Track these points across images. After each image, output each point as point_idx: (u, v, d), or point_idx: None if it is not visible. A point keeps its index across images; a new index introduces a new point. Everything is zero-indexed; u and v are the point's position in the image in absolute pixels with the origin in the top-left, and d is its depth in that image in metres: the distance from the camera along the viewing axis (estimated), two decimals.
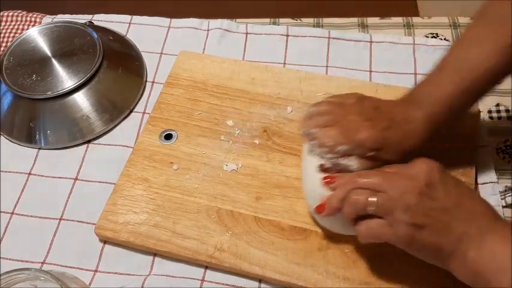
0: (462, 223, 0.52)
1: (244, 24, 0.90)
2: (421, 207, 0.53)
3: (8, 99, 0.80)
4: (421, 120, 0.61)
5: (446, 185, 0.54)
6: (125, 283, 0.65)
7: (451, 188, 0.54)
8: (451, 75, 0.62)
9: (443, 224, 0.53)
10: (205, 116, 0.78)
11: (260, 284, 0.65)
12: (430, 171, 0.54)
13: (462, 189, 0.55)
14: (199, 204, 0.69)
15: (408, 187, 0.54)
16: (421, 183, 0.54)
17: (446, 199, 0.53)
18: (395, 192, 0.54)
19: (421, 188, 0.53)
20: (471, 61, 0.61)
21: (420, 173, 0.54)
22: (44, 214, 0.72)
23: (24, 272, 0.56)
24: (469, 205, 0.53)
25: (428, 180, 0.54)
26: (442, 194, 0.53)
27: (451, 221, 0.53)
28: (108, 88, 0.81)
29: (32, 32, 0.85)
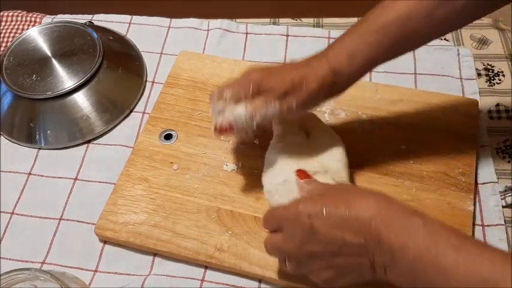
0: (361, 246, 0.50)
1: (244, 24, 0.90)
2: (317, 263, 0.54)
3: (8, 99, 0.80)
4: (322, 70, 0.62)
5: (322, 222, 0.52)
6: (125, 283, 0.65)
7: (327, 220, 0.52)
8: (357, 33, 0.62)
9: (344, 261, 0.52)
10: (205, 116, 0.78)
11: (260, 284, 0.65)
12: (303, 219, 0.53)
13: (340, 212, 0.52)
14: (199, 204, 0.69)
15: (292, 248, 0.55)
16: (300, 240, 0.54)
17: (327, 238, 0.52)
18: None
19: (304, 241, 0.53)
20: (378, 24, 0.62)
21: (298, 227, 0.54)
22: (44, 214, 0.72)
23: (24, 272, 0.56)
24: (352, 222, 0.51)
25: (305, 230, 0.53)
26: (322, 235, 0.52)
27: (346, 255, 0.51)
28: (108, 88, 0.81)
29: (32, 32, 0.85)
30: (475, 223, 0.67)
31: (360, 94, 0.78)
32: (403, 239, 0.48)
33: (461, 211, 0.67)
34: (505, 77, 0.82)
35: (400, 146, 0.73)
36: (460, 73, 0.82)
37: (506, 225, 0.68)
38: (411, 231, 0.48)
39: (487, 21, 0.89)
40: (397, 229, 0.48)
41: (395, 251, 0.48)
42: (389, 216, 0.49)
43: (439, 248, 0.46)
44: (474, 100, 0.77)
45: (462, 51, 0.84)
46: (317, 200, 0.54)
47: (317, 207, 0.52)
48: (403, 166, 0.71)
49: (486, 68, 0.84)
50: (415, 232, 0.48)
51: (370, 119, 0.76)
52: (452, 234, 0.47)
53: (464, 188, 0.69)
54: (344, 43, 0.63)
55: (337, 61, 0.62)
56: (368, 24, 0.62)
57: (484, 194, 0.70)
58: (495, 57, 0.85)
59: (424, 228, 0.48)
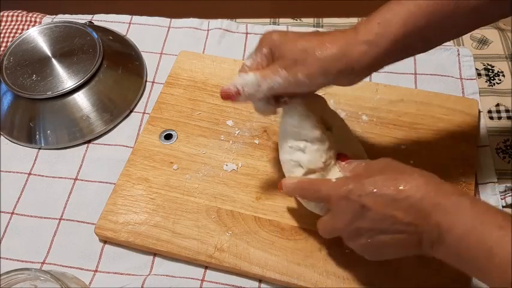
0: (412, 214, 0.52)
1: (244, 24, 0.90)
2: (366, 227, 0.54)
3: (8, 99, 0.80)
4: (345, 30, 0.56)
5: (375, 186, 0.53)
6: (125, 283, 0.65)
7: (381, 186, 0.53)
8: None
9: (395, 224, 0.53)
10: (205, 116, 0.78)
11: (260, 284, 0.65)
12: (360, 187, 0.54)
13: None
14: (199, 204, 0.69)
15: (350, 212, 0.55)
16: (357, 206, 0.54)
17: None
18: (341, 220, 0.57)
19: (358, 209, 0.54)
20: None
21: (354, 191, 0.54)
22: (44, 214, 0.72)
23: (24, 272, 0.56)
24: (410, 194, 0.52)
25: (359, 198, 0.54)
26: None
27: (399, 215, 0.52)
28: (108, 88, 0.81)
29: (32, 32, 0.85)
30: None
31: (360, 94, 0.78)
32: (451, 217, 0.49)
33: None
34: (505, 77, 0.82)
35: (400, 146, 0.73)
36: (460, 73, 0.82)
37: None
38: (459, 211, 0.49)
39: None
40: (445, 208, 0.50)
41: (442, 229, 0.49)
42: (438, 196, 0.51)
43: (485, 227, 0.47)
44: (474, 100, 0.77)
45: (462, 51, 0.84)
46: (366, 179, 0.54)
47: (367, 186, 0.53)
48: None
49: (486, 68, 0.84)
50: (463, 211, 0.49)
51: (370, 119, 0.76)
52: (499, 214, 0.48)
53: (464, 188, 0.69)
54: (376, 14, 0.56)
55: (365, 30, 0.55)
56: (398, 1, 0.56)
57: (484, 194, 0.70)
58: (495, 57, 0.85)
59: (471, 208, 0.49)
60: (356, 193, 0.54)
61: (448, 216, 0.49)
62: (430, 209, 0.50)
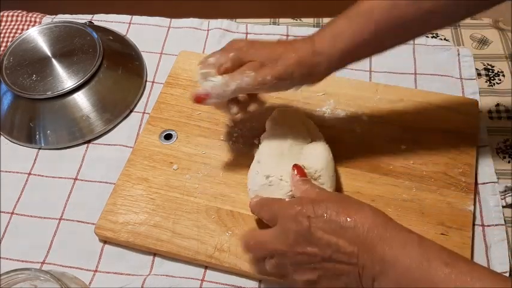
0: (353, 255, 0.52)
1: (244, 24, 0.90)
2: (304, 263, 0.54)
3: (8, 99, 0.80)
4: (304, 39, 0.62)
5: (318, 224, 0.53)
6: (125, 283, 0.65)
7: (323, 224, 0.53)
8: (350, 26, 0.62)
9: (333, 267, 0.53)
10: (205, 116, 0.78)
11: (260, 284, 0.65)
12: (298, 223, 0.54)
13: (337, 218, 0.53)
14: (199, 204, 0.69)
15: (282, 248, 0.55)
16: (291, 240, 0.54)
17: (321, 242, 0.53)
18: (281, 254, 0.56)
19: (295, 245, 0.54)
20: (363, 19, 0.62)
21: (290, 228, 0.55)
22: (44, 214, 0.72)
23: (24, 272, 0.56)
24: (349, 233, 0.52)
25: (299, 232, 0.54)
26: (316, 239, 0.53)
27: (338, 260, 0.52)
28: (108, 88, 0.81)
29: (32, 32, 0.85)
30: (475, 223, 0.67)
31: (360, 94, 0.78)
32: (397, 251, 0.49)
33: (461, 211, 0.67)
34: (505, 77, 0.82)
35: (400, 146, 0.73)
36: (460, 73, 0.82)
37: (506, 225, 0.68)
38: (406, 245, 0.50)
39: (487, 21, 0.89)
40: (391, 242, 0.50)
41: (387, 262, 0.49)
42: (386, 230, 0.51)
43: (432, 263, 0.48)
44: (474, 100, 0.77)
45: (462, 51, 0.84)
46: (319, 203, 0.54)
47: (319, 210, 0.53)
48: (403, 166, 0.71)
49: (486, 68, 0.84)
50: (410, 246, 0.49)
51: (370, 119, 0.76)
52: (445, 252, 0.49)
53: (464, 188, 0.69)
54: (330, 26, 0.63)
55: (320, 42, 0.62)
56: (355, 8, 0.62)
57: (484, 194, 0.70)
58: (495, 57, 0.85)
59: (418, 244, 0.50)
60: (305, 214, 0.54)
61: (394, 250, 0.49)
62: (375, 242, 0.50)
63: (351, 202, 0.55)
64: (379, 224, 0.51)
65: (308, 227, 0.53)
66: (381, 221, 0.52)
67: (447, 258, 0.48)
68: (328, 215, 0.53)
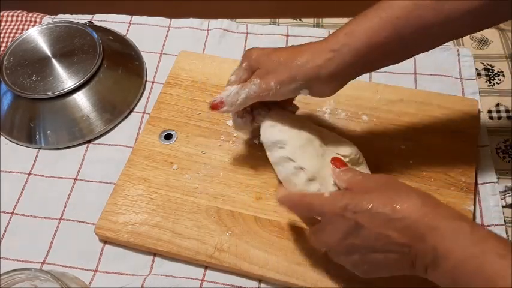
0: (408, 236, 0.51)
1: (244, 24, 0.90)
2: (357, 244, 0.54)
3: (8, 99, 0.80)
4: (319, 47, 0.59)
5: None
6: (125, 283, 0.65)
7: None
8: (363, 32, 0.59)
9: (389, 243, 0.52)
10: (205, 116, 0.78)
11: (260, 284, 0.65)
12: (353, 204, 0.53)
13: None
14: (199, 204, 0.69)
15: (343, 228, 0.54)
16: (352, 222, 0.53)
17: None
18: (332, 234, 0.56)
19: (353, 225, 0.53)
20: (381, 21, 0.58)
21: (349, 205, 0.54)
22: (44, 214, 0.72)
23: (24, 272, 0.56)
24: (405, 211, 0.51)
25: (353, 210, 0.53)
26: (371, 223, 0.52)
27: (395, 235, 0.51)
28: (108, 88, 0.81)
29: (32, 32, 0.85)
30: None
31: (360, 94, 0.78)
32: (449, 243, 0.48)
33: (461, 211, 0.67)
34: (505, 77, 0.82)
35: (400, 146, 0.73)
36: (460, 73, 0.82)
37: (506, 225, 0.68)
38: (458, 236, 0.48)
39: None
40: (443, 233, 0.48)
41: (439, 254, 0.48)
42: (436, 219, 0.49)
43: (486, 256, 0.46)
44: (474, 100, 0.77)
45: (462, 51, 0.84)
46: (363, 196, 0.53)
47: (363, 204, 0.52)
48: (403, 166, 0.71)
49: (486, 68, 0.84)
50: (462, 237, 0.48)
51: (370, 119, 0.76)
52: (500, 242, 0.47)
53: (464, 188, 0.69)
54: (346, 25, 0.60)
55: (333, 39, 0.59)
56: (373, 7, 0.59)
57: (484, 194, 0.70)
58: (495, 57, 0.85)
59: (471, 234, 0.48)
60: (351, 210, 0.53)
61: (445, 242, 0.48)
62: (426, 232, 0.49)
63: (396, 189, 0.53)
64: (429, 213, 0.50)
65: (356, 222, 0.52)
66: (430, 209, 0.50)
67: (502, 250, 0.46)
68: (375, 208, 0.51)
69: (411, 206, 0.50)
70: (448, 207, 0.51)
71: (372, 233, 0.52)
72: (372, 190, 0.54)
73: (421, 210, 0.50)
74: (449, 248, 0.48)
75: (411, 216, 0.50)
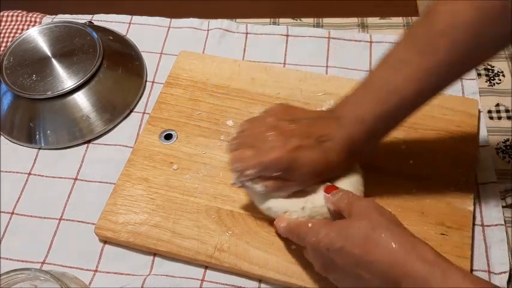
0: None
1: (244, 24, 0.90)
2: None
3: (8, 99, 0.80)
4: (340, 138, 0.60)
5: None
6: (125, 283, 0.65)
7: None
8: (375, 96, 0.59)
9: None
10: (205, 116, 0.78)
11: (260, 284, 0.65)
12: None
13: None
14: (199, 204, 0.69)
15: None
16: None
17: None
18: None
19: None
20: (394, 83, 0.58)
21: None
22: (44, 214, 0.72)
23: (24, 272, 0.56)
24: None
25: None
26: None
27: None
28: (108, 88, 0.81)
29: (32, 32, 0.85)
30: (475, 223, 0.67)
31: None
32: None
33: (461, 211, 0.67)
34: (505, 77, 0.82)
35: (400, 146, 0.73)
36: None
37: (506, 225, 0.68)
38: (429, 282, 0.47)
39: None
40: (415, 281, 0.48)
41: None
42: (408, 265, 0.48)
43: None
44: (474, 100, 0.77)
45: None
46: (337, 232, 0.53)
47: (336, 243, 0.52)
48: (403, 166, 0.71)
49: (486, 68, 0.84)
50: (434, 283, 0.47)
51: None
52: (476, 284, 0.47)
53: (464, 188, 0.69)
54: (364, 116, 0.60)
55: (357, 141, 0.60)
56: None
57: (484, 194, 0.70)
58: (495, 57, 0.85)
59: (441, 279, 0.47)
60: (325, 246, 0.53)
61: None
62: (400, 279, 0.48)
63: (374, 225, 0.52)
64: (401, 257, 0.49)
65: (330, 258, 0.53)
66: (402, 253, 0.49)
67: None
68: (347, 248, 0.51)
69: (383, 250, 0.50)
70: (423, 247, 0.50)
71: (345, 271, 0.53)
72: (348, 226, 0.53)
73: (394, 255, 0.49)
74: None
75: (383, 260, 0.49)
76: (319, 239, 0.54)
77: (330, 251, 0.53)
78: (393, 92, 0.58)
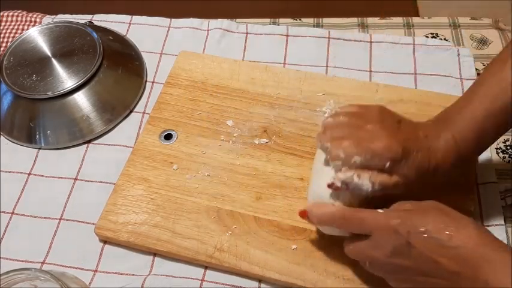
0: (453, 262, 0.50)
1: (244, 24, 0.90)
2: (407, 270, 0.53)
3: (8, 99, 0.80)
4: (446, 139, 0.58)
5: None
6: (125, 283, 0.65)
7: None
8: (487, 92, 0.57)
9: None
10: (205, 116, 0.78)
11: (260, 284, 0.65)
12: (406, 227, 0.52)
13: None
14: (199, 204, 0.69)
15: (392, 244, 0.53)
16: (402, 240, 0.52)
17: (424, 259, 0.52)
18: (380, 244, 0.55)
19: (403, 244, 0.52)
20: (502, 84, 0.57)
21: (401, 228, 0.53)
22: (44, 214, 0.72)
23: (24, 272, 0.56)
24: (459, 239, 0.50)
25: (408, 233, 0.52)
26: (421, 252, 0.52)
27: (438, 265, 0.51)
28: (108, 88, 0.81)
29: (32, 32, 0.85)
30: None
31: (360, 94, 0.78)
32: (502, 277, 0.47)
33: (461, 211, 0.66)
34: None
35: None
36: (460, 73, 0.82)
37: (506, 225, 0.68)
38: (509, 269, 0.47)
39: (487, 21, 0.89)
40: (496, 266, 0.48)
41: (490, 286, 0.48)
42: (490, 251, 0.49)
43: None
44: None
45: (462, 51, 0.84)
46: (419, 217, 0.53)
47: (418, 225, 0.52)
48: None
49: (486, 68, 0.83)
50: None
51: None
52: None
53: (464, 188, 0.68)
54: (471, 118, 0.58)
55: (464, 143, 0.58)
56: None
57: (484, 194, 0.70)
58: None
59: None
60: (405, 229, 0.52)
61: (498, 275, 0.47)
62: (480, 263, 0.48)
63: (451, 216, 0.53)
64: (484, 244, 0.49)
65: (408, 242, 0.52)
66: (485, 240, 0.50)
67: None
68: (429, 231, 0.51)
69: (467, 236, 0.50)
70: (500, 241, 0.51)
71: (423, 256, 0.51)
72: (426, 213, 0.53)
73: (477, 240, 0.50)
74: (501, 282, 0.47)
75: (467, 246, 0.50)
76: (401, 222, 0.52)
77: (411, 234, 0.51)
78: (499, 93, 0.56)
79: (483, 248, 0.49)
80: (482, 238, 0.50)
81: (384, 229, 0.54)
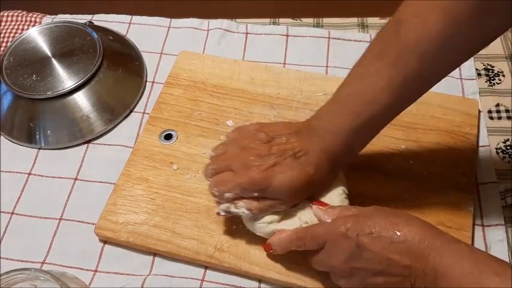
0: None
1: (244, 24, 0.90)
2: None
3: (8, 99, 0.80)
4: (316, 152, 0.60)
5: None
6: (125, 283, 0.65)
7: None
8: (348, 109, 0.59)
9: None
10: (205, 116, 0.78)
11: (260, 284, 0.65)
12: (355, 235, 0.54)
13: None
14: (199, 204, 0.69)
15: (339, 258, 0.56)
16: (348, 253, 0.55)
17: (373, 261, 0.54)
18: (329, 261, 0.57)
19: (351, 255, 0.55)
20: (366, 96, 0.57)
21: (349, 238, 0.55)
22: (44, 214, 0.72)
23: (24, 272, 0.56)
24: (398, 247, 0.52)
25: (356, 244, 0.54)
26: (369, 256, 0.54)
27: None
28: (108, 88, 0.81)
29: (32, 32, 0.85)
30: (475, 223, 0.67)
31: None
32: (448, 261, 0.50)
33: (461, 211, 0.67)
34: (505, 77, 0.82)
35: (400, 146, 0.73)
36: (460, 73, 0.82)
37: (506, 225, 0.68)
38: (456, 256, 0.50)
39: None
40: (442, 252, 0.50)
41: (438, 272, 0.50)
42: (436, 240, 0.52)
43: (483, 274, 0.48)
44: (474, 100, 0.78)
45: None
46: (365, 219, 0.55)
47: (366, 227, 0.54)
48: (403, 166, 0.71)
49: (486, 68, 0.84)
50: (460, 257, 0.50)
51: None
52: (497, 263, 0.49)
53: (464, 188, 0.69)
54: (338, 130, 0.60)
55: (334, 154, 0.60)
56: None
57: (484, 194, 0.70)
58: (495, 57, 0.85)
59: (469, 254, 0.50)
60: (354, 232, 0.54)
61: (445, 260, 0.50)
62: (427, 252, 0.51)
63: (397, 215, 0.55)
64: (430, 235, 0.52)
65: (358, 243, 0.54)
66: (430, 232, 0.53)
67: (497, 268, 0.48)
68: (378, 231, 0.53)
69: (413, 230, 0.53)
70: (447, 234, 0.53)
71: (375, 255, 0.53)
72: (373, 215, 0.55)
73: (423, 232, 0.52)
74: (448, 266, 0.49)
75: (413, 239, 0.52)
76: (350, 226, 0.54)
77: (361, 236, 0.53)
78: (366, 106, 0.58)
79: (430, 238, 0.52)
80: (429, 231, 0.53)
81: (335, 236, 0.56)
